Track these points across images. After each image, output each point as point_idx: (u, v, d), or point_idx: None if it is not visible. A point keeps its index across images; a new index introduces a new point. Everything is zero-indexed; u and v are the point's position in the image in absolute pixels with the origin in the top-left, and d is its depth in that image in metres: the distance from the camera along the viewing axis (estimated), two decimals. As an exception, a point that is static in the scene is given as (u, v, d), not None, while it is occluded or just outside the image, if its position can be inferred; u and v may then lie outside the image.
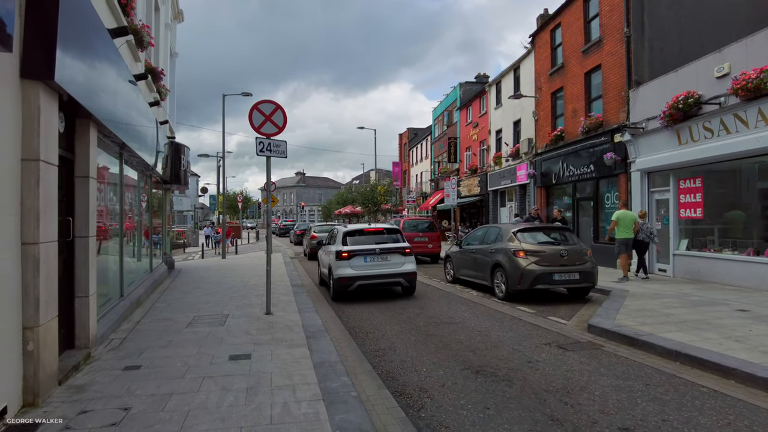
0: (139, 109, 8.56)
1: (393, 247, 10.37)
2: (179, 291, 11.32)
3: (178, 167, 15.11)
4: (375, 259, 10.21)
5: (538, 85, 20.01)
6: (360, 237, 10.64)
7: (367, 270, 10.11)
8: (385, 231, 10.93)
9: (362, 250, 10.19)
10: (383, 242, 10.53)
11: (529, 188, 20.80)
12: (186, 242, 35.52)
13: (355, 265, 10.11)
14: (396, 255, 10.32)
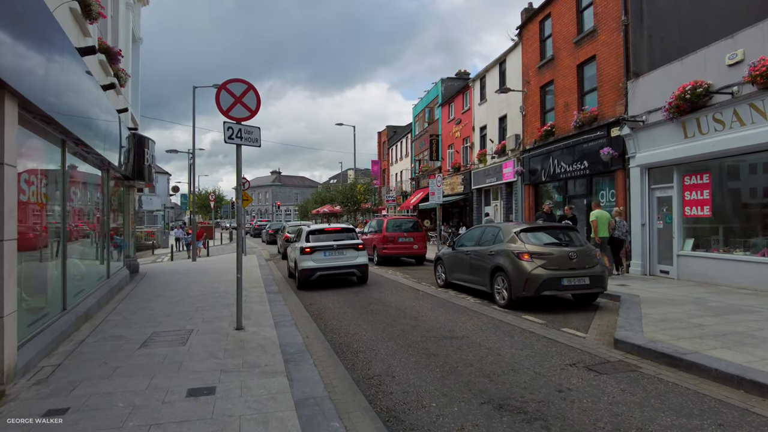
0: (88, 91, 7.30)
1: (348, 244, 12.18)
2: (139, 299, 10.03)
3: (142, 162, 13.75)
4: (333, 254, 11.99)
5: (526, 79, 19.22)
6: (320, 235, 12.48)
7: (327, 263, 11.86)
8: (342, 230, 12.88)
9: (322, 246, 11.99)
10: (340, 239, 12.28)
11: (516, 186, 20.01)
12: (155, 243, 33.80)
13: (316, 259, 11.86)
14: (351, 250, 12.14)
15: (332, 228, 13.07)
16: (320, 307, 9.42)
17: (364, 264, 12.18)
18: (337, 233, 12.63)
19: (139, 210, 49.72)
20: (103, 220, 10.63)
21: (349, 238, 12.42)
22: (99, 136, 8.35)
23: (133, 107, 14.97)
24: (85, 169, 8.89)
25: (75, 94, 6.55)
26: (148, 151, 14.05)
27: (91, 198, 9.34)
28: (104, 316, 8.22)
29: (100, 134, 8.47)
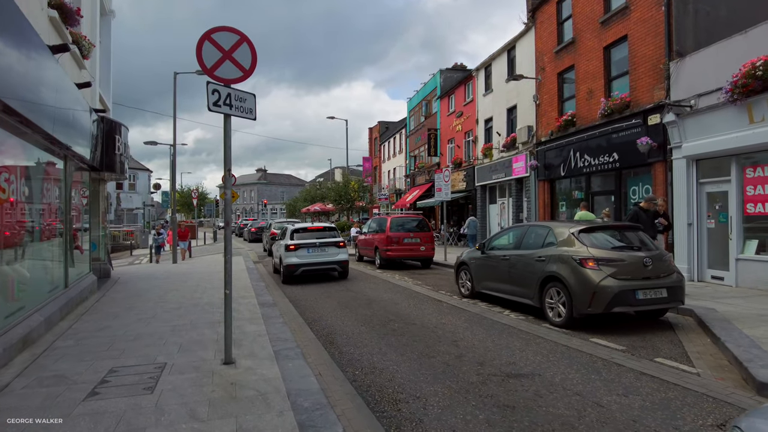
0: (22, 38, 5.47)
1: (330, 241, 13.04)
2: (104, 314, 8.17)
3: (112, 151, 11.84)
4: (316, 251, 12.84)
5: (541, 66, 17.65)
6: (304, 233, 13.29)
7: (310, 259, 12.68)
8: (325, 229, 13.81)
9: (306, 244, 12.80)
10: (323, 237, 13.13)
11: (528, 182, 18.43)
12: (134, 243, 31.64)
13: (300, 255, 12.67)
14: (332, 247, 13.00)
15: (315, 227, 14.27)
16: (328, 325, 7.68)
17: (344, 260, 13.09)
18: (319, 231, 13.58)
19: (117, 208, 47.36)
20: (64, 218, 8.75)
21: (331, 237, 13.33)
22: (46, 110, 6.51)
23: (102, 89, 13.04)
24: (32, 154, 7.03)
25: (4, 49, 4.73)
26: (120, 139, 12.15)
27: (41, 191, 7.46)
28: (52, 339, 6.38)
29: (47, 108, 6.62)
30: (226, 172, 5.19)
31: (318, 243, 12.93)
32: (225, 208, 5.28)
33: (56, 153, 8.26)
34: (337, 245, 13.10)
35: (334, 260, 12.86)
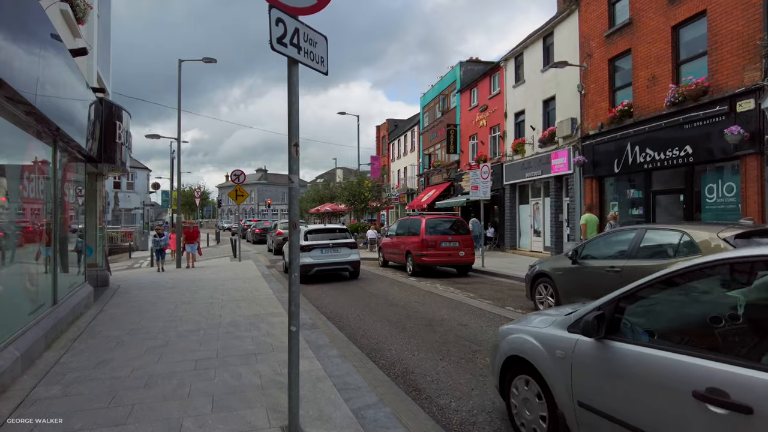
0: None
1: (342, 242, 13.29)
2: (101, 340, 6.41)
3: (112, 138, 10.10)
4: (328, 251, 13.09)
5: (587, 52, 15.96)
6: (317, 234, 13.51)
7: (323, 259, 12.93)
8: (337, 230, 13.96)
9: (319, 245, 13.06)
10: (335, 238, 13.35)
11: (572, 180, 16.72)
12: (133, 245, 29.83)
13: (314, 255, 12.88)
14: (344, 248, 13.24)
15: (328, 228, 14.44)
16: (395, 357, 5.93)
17: (356, 261, 13.42)
18: (332, 232, 13.82)
19: (115, 208, 45.48)
20: (53, 217, 7.00)
21: (343, 238, 13.59)
22: (24, 69, 4.76)
23: (101, 68, 11.28)
24: (6, 133, 5.28)
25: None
26: (121, 125, 10.40)
27: (18, 182, 5.70)
28: (31, 384, 4.62)
29: (30, 71, 4.89)
30: (291, 147, 3.43)
31: (331, 244, 13.25)
32: (290, 203, 3.53)
33: (42, 136, 6.49)
34: (349, 246, 13.43)
35: (346, 260, 13.22)
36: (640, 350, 2.52)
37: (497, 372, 3.83)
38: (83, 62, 9.24)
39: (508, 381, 3.68)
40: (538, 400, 3.29)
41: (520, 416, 3.50)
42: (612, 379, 2.66)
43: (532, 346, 3.36)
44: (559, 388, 3.04)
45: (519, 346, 3.52)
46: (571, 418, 2.94)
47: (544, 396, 3.21)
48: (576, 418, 2.90)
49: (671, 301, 2.71)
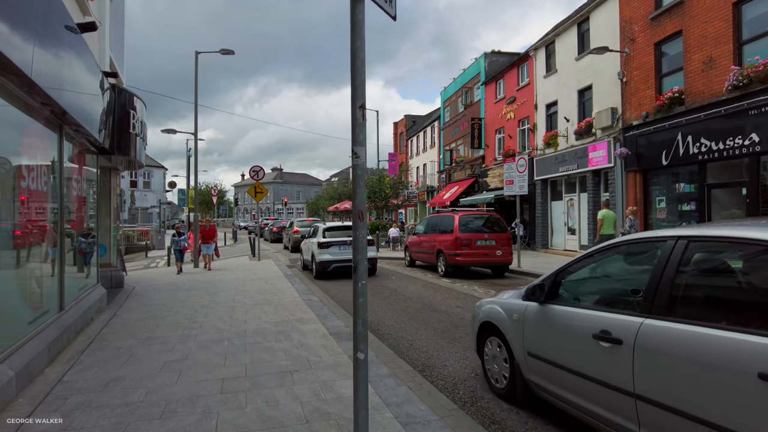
0: None
1: None
2: (113, 351, 5.61)
3: (125, 128, 9.36)
4: (346, 248, 13.12)
5: (629, 36, 14.85)
6: (335, 231, 13.75)
7: (341, 256, 13.06)
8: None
9: (337, 242, 13.23)
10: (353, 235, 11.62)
11: (612, 174, 15.63)
12: (149, 244, 29.35)
13: (332, 252, 13.14)
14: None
15: (345, 225, 14.87)
16: (471, 391, 5.02)
17: (374, 258, 13.75)
18: (349, 230, 13.85)
19: (132, 207, 45.22)
20: (58, 213, 6.23)
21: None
22: (19, 35, 3.96)
23: (114, 53, 10.54)
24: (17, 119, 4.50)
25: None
26: (135, 115, 9.66)
27: (14, 174, 4.92)
28: (27, 411, 3.81)
29: (22, 34, 4.08)
30: (356, 110, 2.55)
31: (349, 241, 13.29)
32: (354, 185, 2.66)
33: (45, 119, 5.71)
34: (367, 243, 12.46)
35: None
36: (566, 309, 3.52)
37: (474, 336, 4.83)
38: (94, 44, 8.48)
39: (482, 343, 4.69)
40: (501, 353, 4.32)
41: (491, 370, 4.52)
42: (548, 332, 3.66)
43: (498, 312, 4.37)
44: (515, 344, 4.05)
45: (489, 314, 4.52)
46: (524, 365, 3.95)
47: (506, 351, 4.21)
48: (526, 365, 3.91)
49: (590, 272, 3.75)
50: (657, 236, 3.11)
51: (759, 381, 2.12)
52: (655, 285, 2.81)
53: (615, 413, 2.93)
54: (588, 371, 3.15)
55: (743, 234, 2.56)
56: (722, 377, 2.30)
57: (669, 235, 2.97)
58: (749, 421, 2.17)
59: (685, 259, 2.76)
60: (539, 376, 3.75)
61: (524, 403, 4.05)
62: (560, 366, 3.45)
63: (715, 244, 2.80)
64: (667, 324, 2.64)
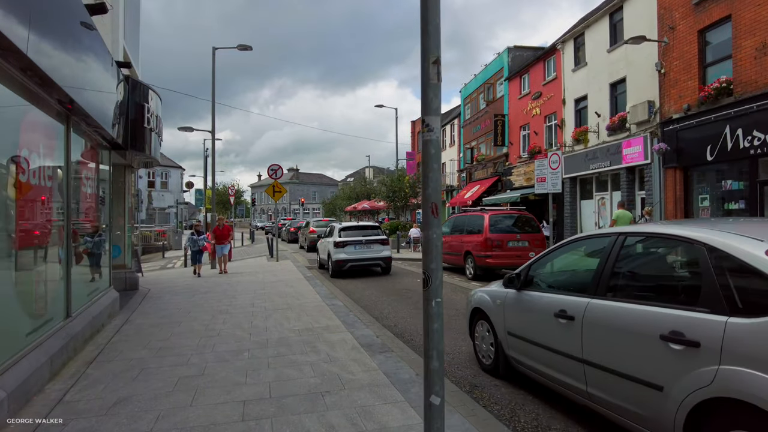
0: None
1: (375, 239, 13.87)
2: (123, 364, 5.05)
3: (140, 122, 8.87)
4: (361, 248, 13.67)
5: (668, 24, 13.97)
6: (351, 231, 14.11)
7: (356, 255, 13.56)
8: (369, 227, 14.71)
9: (353, 241, 13.66)
10: (368, 235, 13.94)
11: (649, 171, 14.76)
12: (167, 245, 29.13)
13: (348, 252, 13.54)
14: (377, 244, 13.82)
15: (361, 225, 15.07)
16: (534, 418, 4.36)
17: (388, 257, 13.96)
18: (364, 229, 14.40)
19: (149, 207, 45.23)
20: (64, 211, 5.72)
21: (375, 234, 14.14)
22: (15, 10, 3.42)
23: (128, 44, 10.08)
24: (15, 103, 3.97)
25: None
26: (150, 108, 9.17)
27: (9, 167, 4.39)
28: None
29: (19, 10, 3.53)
30: (429, 66, 1.91)
31: (364, 240, 13.71)
32: (425, 170, 2.03)
33: (50, 108, 5.18)
34: (382, 242, 13.92)
35: (379, 256, 13.72)
36: (536, 294, 4.24)
37: (467, 320, 5.47)
38: (107, 33, 8.00)
39: (473, 327, 5.31)
40: (488, 334, 4.94)
41: (480, 349, 5.15)
42: (522, 314, 4.38)
43: (485, 299, 5.01)
44: (498, 325, 4.71)
45: (479, 301, 5.15)
46: (504, 343, 4.63)
47: (492, 332, 4.85)
48: (507, 342, 4.59)
49: (557, 263, 4.47)
50: (604, 233, 3.84)
51: (659, 341, 2.77)
52: (600, 271, 3.47)
53: (570, 377, 3.57)
54: (551, 344, 3.83)
55: (661, 230, 3.29)
56: (637, 340, 2.95)
57: (612, 231, 3.70)
58: (655, 371, 2.80)
59: (621, 250, 3.44)
60: (517, 352, 4.43)
61: (505, 375, 4.76)
62: (531, 341, 4.14)
63: (642, 239, 3.57)
64: (605, 302, 3.30)
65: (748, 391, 2.28)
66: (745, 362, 2.33)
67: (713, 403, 2.46)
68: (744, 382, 2.30)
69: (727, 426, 2.41)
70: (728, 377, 2.38)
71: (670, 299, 2.94)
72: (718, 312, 2.55)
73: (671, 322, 2.75)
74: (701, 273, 2.77)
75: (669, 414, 2.67)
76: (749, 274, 2.51)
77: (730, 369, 2.38)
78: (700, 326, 2.59)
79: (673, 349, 2.69)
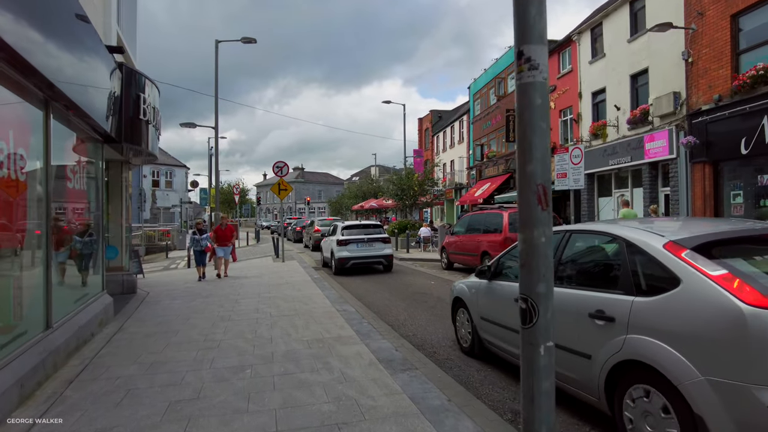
0: None
1: (376, 237, 14.33)
2: (105, 385, 4.38)
3: (135, 113, 8.21)
4: (363, 246, 14.07)
5: (696, 10, 13.17)
6: (353, 230, 14.54)
7: (358, 253, 13.94)
8: (371, 226, 15.23)
9: (355, 239, 14.08)
10: (370, 234, 14.41)
11: (674, 166, 13.97)
12: (170, 245, 28.61)
13: (351, 250, 13.94)
14: (378, 243, 14.23)
15: (363, 224, 15.44)
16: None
17: (389, 255, 14.23)
18: (366, 228, 14.79)
19: (153, 206, 44.72)
20: (44, 209, 5.06)
21: (377, 233, 14.51)
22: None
23: (124, 31, 9.43)
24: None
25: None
26: (146, 99, 8.51)
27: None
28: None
29: None
30: None
31: (366, 238, 14.08)
32: (524, 124, 1.34)
33: (23, 89, 4.52)
34: (383, 240, 14.31)
35: (380, 254, 14.06)
36: (503, 283, 4.84)
37: (450, 309, 6.24)
38: (98, 16, 7.35)
39: (454, 314, 6.13)
40: (466, 321, 5.65)
41: (460, 333, 5.92)
42: (492, 301, 5.02)
43: (464, 289, 5.79)
44: (474, 311, 5.44)
45: (459, 291, 5.95)
46: (479, 326, 5.32)
47: (469, 317, 5.57)
48: (480, 326, 5.28)
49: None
50: (556, 230, 4.11)
51: (588, 318, 3.42)
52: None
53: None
54: (512, 325, 4.37)
55: (597, 228, 3.98)
56: (574, 319, 3.57)
57: (561, 229, 4.27)
58: (586, 343, 3.44)
59: (567, 245, 4.10)
60: (487, 333, 5.06)
61: (480, 355, 5.40)
62: (498, 324, 4.77)
63: (581, 235, 4.14)
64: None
65: (643, 353, 2.92)
66: (643, 332, 2.97)
67: (623, 365, 3.09)
68: (641, 347, 2.94)
69: (631, 382, 3.04)
70: (632, 344, 3.02)
71: (599, 284, 3.56)
72: (629, 293, 3.18)
73: (597, 303, 3.37)
74: (620, 262, 3.40)
75: (595, 377, 3.31)
76: (651, 262, 3.13)
77: (633, 337, 3.01)
78: (615, 305, 3.22)
79: (597, 324, 3.32)
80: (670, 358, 2.74)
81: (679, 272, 2.87)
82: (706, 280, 2.72)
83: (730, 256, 2.92)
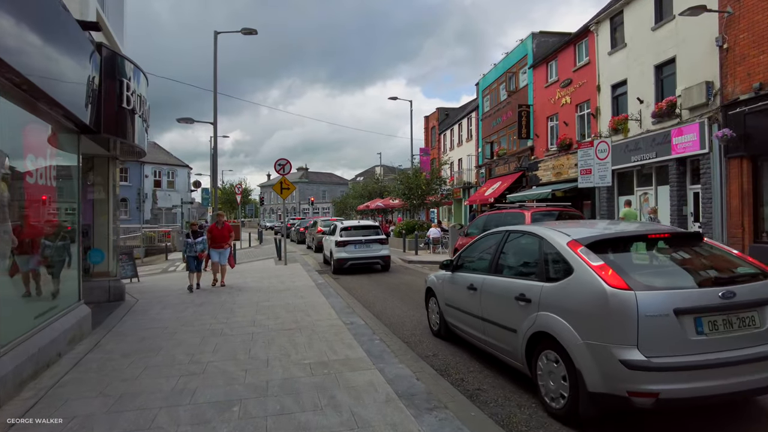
0: None
1: (374, 238, 14.74)
2: (51, 429, 3.48)
3: (115, 101, 7.30)
4: (361, 247, 14.51)
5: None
6: (351, 231, 14.85)
7: (356, 253, 14.42)
8: (369, 227, 15.61)
9: (353, 240, 14.51)
10: (368, 235, 14.81)
11: (706, 161, 12.93)
12: (170, 246, 27.79)
13: (349, 251, 14.39)
14: (376, 244, 14.66)
15: (361, 225, 15.65)
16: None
17: (387, 256, 14.73)
18: (364, 229, 15.11)
19: (154, 206, 43.99)
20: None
21: (375, 234, 14.90)
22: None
23: (111, 16, 8.52)
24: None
25: None
26: (130, 86, 7.59)
27: None
28: None
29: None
30: None
31: (364, 240, 14.50)
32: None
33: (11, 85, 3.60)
34: (380, 242, 14.71)
35: (378, 255, 14.54)
36: (462, 274, 5.70)
37: (424, 298, 7.17)
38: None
39: (427, 302, 6.98)
40: (436, 307, 6.51)
41: (431, 318, 6.81)
42: (453, 289, 5.87)
43: (434, 281, 6.66)
44: (441, 299, 6.27)
45: (430, 282, 6.80)
46: (445, 312, 6.16)
47: (437, 304, 6.41)
48: (446, 311, 6.12)
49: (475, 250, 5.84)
50: (499, 230, 5.43)
51: (515, 300, 4.26)
52: (493, 257, 5.07)
53: (475, 330, 5.15)
54: (466, 309, 5.37)
55: (525, 228, 4.88)
56: (505, 300, 4.47)
57: (502, 229, 5.38)
58: (513, 320, 4.29)
59: (505, 243, 5.03)
60: (451, 317, 5.95)
61: (446, 337, 6.27)
62: (457, 308, 5.70)
63: (516, 234, 5.00)
64: (493, 277, 4.87)
65: (547, 326, 3.81)
66: (548, 309, 3.85)
67: (536, 336, 3.98)
68: (547, 321, 3.83)
69: (541, 349, 3.93)
70: (541, 319, 3.91)
71: (524, 273, 4.50)
72: (541, 280, 4.09)
73: (521, 288, 4.25)
74: (538, 256, 4.30)
75: (519, 346, 4.20)
76: (556, 255, 4.03)
77: (542, 314, 3.90)
78: (532, 289, 4.11)
79: (520, 305, 4.20)
80: (564, 329, 3.61)
81: (573, 263, 3.73)
82: (589, 269, 3.56)
83: (611, 251, 3.83)
